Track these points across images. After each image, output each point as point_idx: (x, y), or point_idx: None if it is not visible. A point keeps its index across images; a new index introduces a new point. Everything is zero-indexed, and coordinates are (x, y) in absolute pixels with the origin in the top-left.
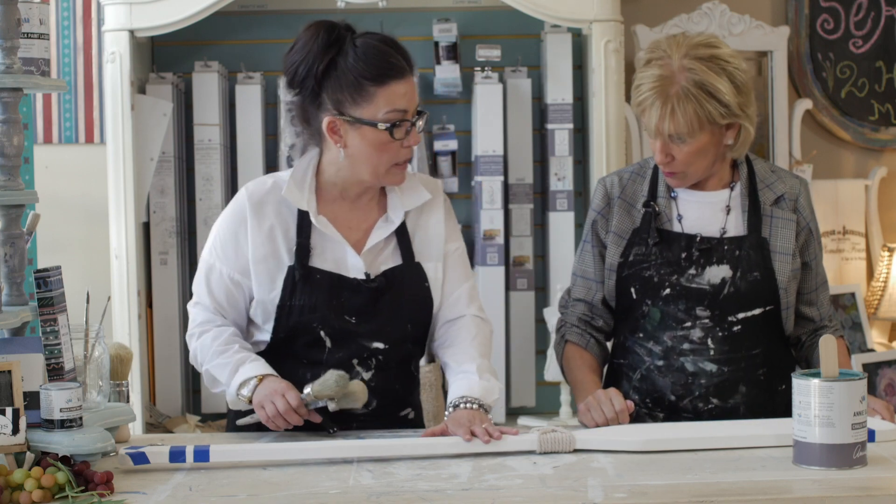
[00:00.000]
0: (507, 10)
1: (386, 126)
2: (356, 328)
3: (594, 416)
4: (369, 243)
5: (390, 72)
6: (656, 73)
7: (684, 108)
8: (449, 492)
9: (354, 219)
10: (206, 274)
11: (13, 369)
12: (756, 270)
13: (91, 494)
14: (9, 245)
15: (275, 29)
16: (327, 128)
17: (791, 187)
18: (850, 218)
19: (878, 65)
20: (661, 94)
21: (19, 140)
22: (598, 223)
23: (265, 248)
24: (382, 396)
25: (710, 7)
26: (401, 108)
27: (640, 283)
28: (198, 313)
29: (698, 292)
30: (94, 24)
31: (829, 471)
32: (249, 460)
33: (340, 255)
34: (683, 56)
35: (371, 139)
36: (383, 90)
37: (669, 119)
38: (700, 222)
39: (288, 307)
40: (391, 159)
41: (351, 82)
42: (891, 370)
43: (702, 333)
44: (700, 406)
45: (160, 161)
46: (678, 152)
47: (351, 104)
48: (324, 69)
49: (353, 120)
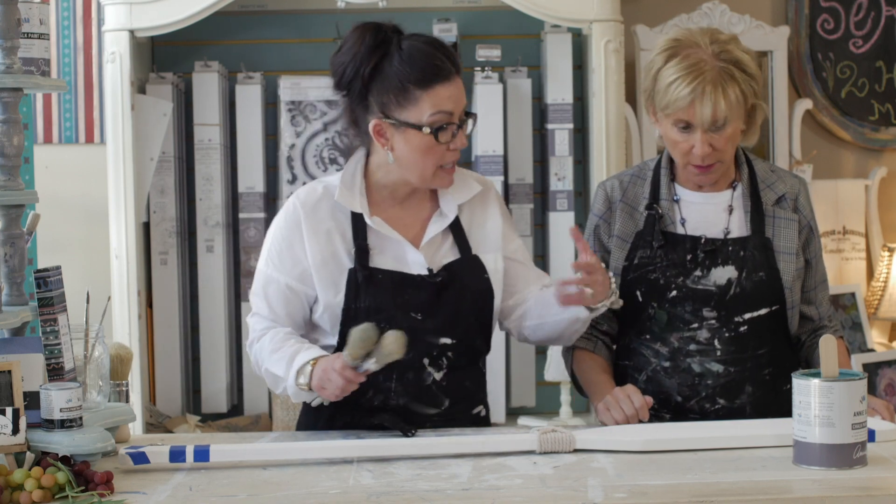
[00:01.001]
0: (507, 10)
1: (430, 129)
2: (422, 325)
3: (614, 415)
4: (426, 237)
5: (435, 74)
6: (691, 62)
7: (732, 87)
8: (449, 492)
9: (408, 216)
10: (263, 285)
11: (13, 369)
12: (761, 271)
13: (91, 494)
14: (9, 245)
15: (275, 29)
16: (373, 130)
17: (791, 187)
18: (850, 218)
19: (878, 65)
20: (707, 80)
21: (19, 140)
22: (600, 228)
23: (324, 252)
24: (454, 395)
25: (710, 7)
26: (446, 110)
27: (645, 285)
28: (256, 323)
29: (704, 293)
30: (94, 24)
31: (829, 471)
32: (249, 460)
33: (400, 253)
34: (710, 42)
35: (416, 143)
36: (428, 93)
37: (724, 100)
38: (703, 224)
39: (353, 310)
40: (437, 162)
41: (396, 86)
42: (891, 370)
43: (708, 334)
44: (707, 406)
45: (160, 161)
46: (717, 141)
47: (396, 107)
48: (370, 72)
49: (399, 123)
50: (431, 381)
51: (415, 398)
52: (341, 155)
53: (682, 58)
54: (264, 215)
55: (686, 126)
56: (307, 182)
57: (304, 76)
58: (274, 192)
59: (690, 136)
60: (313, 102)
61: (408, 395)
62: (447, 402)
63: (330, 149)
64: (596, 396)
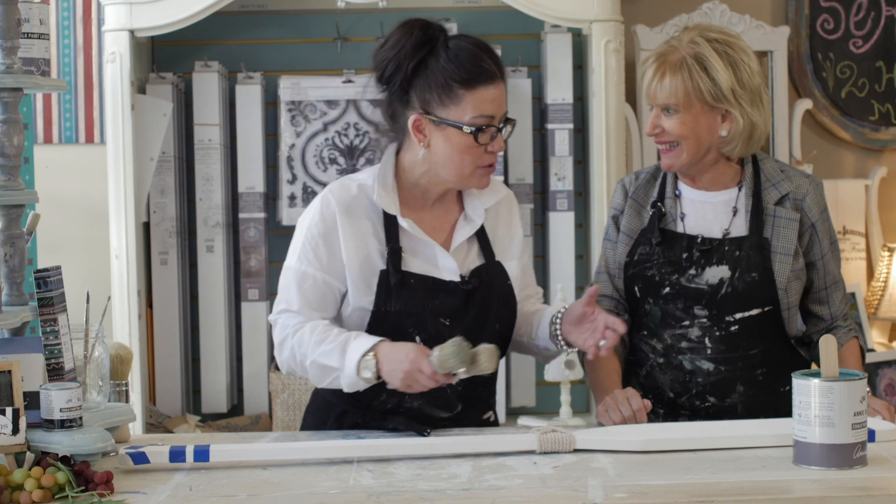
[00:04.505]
0: (507, 10)
1: (471, 129)
2: (449, 331)
3: (612, 416)
4: (455, 243)
5: (480, 76)
6: (664, 46)
7: (675, 75)
8: (449, 492)
9: (436, 219)
10: (297, 282)
11: (13, 369)
12: (754, 271)
13: (91, 494)
14: (9, 245)
15: (275, 29)
16: (413, 125)
17: (798, 186)
18: (850, 218)
19: (878, 65)
20: (658, 60)
21: (19, 140)
22: (618, 219)
23: (360, 252)
24: (468, 400)
25: (710, 7)
26: (488, 113)
27: (642, 281)
28: (287, 319)
29: (696, 292)
30: (94, 24)
31: (829, 471)
32: (249, 460)
33: (431, 257)
34: (696, 35)
35: (455, 142)
36: (472, 94)
37: (658, 83)
38: (703, 223)
39: (383, 313)
40: (474, 162)
41: (440, 83)
42: (891, 370)
43: (700, 332)
44: (697, 404)
45: (160, 161)
46: (667, 123)
47: (438, 105)
48: (414, 67)
49: (439, 120)
50: (447, 385)
51: (429, 401)
52: (341, 155)
53: (665, 43)
54: (264, 215)
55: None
56: (307, 182)
57: (304, 76)
58: (274, 192)
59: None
60: (313, 102)
61: (422, 398)
62: (460, 406)
63: (330, 149)
64: (599, 397)
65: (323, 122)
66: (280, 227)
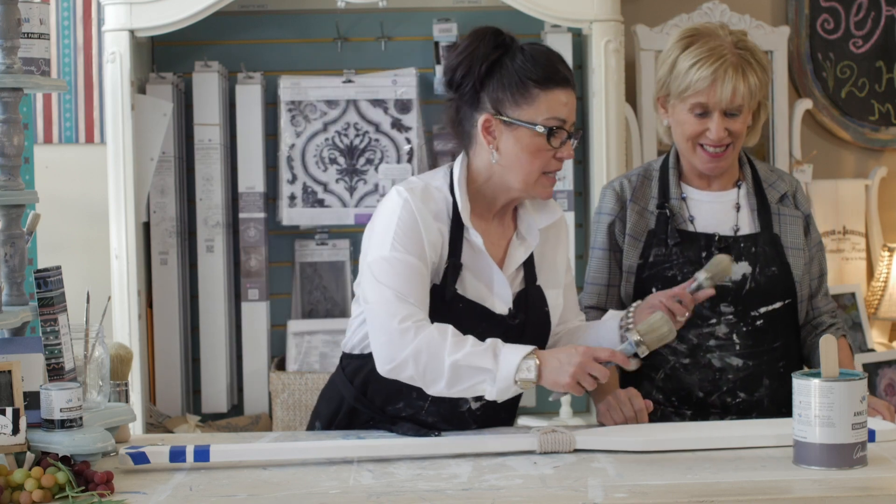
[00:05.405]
0: (507, 10)
1: (544, 130)
2: None
3: (614, 417)
4: (511, 265)
5: (557, 77)
6: (712, 46)
7: (751, 73)
8: (449, 492)
9: (495, 234)
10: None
11: (13, 369)
12: (773, 266)
13: (91, 494)
14: (9, 245)
15: (275, 29)
16: (482, 126)
17: (790, 185)
18: (850, 218)
19: (878, 65)
20: (729, 63)
21: (19, 140)
22: (615, 225)
23: (431, 256)
24: (485, 424)
25: (710, 7)
26: (561, 116)
27: (662, 283)
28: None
29: (722, 289)
30: (94, 24)
31: (829, 471)
32: (249, 460)
33: (488, 279)
34: (728, 33)
35: (526, 142)
36: (547, 95)
37: (743, 84)
38: (713, 221)
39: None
40: (542, 167)
41: (515, 82)
42: (891, 370)
43: (727, 329)
44: (728, 400)
45: (160, 161)
46: (732, 125)
47: (511, 104)
48: (487, 69)
49: (511, 120)
50: (467, 408)
51: (445, 419)
52: (341, 155)
53: (701, 43)
54: (264, 215)
55: (703, 112)
56: (307, 182)
57: (304, 76)
58: (274, 192)
59: (706, 122)
60: (313, 102)
61: (439, 416)
62: (475, 426)
63: (330, 149)
64: (598, 398)
65: (323, 122)
66: (280, 227)
